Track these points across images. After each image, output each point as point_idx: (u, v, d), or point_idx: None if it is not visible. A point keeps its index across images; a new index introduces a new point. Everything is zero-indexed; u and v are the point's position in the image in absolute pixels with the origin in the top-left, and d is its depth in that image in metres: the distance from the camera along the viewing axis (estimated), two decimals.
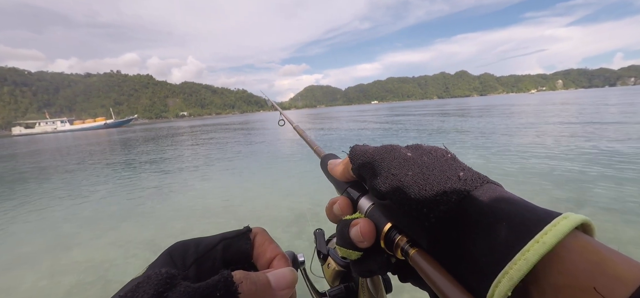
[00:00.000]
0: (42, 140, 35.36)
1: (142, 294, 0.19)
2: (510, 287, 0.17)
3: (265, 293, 0.22)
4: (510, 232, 0.19)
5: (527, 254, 0.17)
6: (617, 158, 5.51)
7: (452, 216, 0.22)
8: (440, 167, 0.25)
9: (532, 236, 0.17)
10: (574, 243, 0.17)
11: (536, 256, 0.17)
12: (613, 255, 0.16)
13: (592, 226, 0.19)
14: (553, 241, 0.17)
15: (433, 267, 0.21)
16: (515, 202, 0.21)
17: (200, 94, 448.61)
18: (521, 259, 0.17)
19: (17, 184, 7.53)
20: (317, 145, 0.47)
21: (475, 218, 0.21)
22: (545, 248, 0.17)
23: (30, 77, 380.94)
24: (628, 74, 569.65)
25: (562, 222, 0.17)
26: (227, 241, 0.28)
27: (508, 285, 0.17)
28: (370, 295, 0.40)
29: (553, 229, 0.17)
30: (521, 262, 0.17)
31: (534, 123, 12.65)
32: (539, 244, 0.17)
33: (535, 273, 0.17)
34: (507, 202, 0.21)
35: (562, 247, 0.17)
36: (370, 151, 0.29)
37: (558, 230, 0.17)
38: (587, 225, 0.19)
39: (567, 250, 0.17)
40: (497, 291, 0.18)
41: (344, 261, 0.45)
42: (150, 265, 0.25)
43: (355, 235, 0.26)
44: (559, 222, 0.17)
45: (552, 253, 0.17)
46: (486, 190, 0.22)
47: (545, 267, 0.17)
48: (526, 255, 0.17)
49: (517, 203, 0.20)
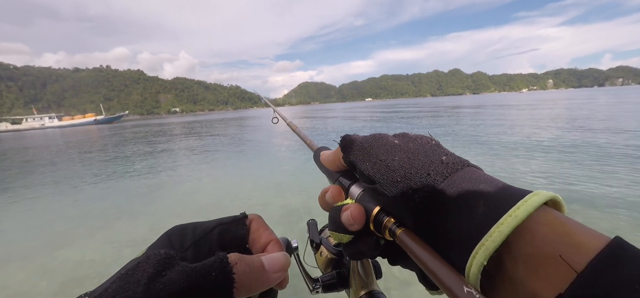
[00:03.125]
0: (29, 137, 34.51)
1: (142, 272, 0.20)
2: (486, 256, 0.19)
3: (259, 275, 0.23)
4: (487, 209, 0.20)
5: (501, 227, 0.19)
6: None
7: (435, 196, 0.23)
8: (424, 152, 0.26)
9: (506, 212, 0.19)
10: (542, 217, 0.19)
11: (509, 229, 0.18)
12: (577, 226, 0.18)
13: (561, 203, 0.21)
14: (524, 215, 0.19)
15: (418, 245, 0.22)
16: (492, 183, 0.22)
17: (193, 90, 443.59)
18: (496, 231, 0.19)
19: (7, 181, 7.34)
20: (309, 139, 0.49)
21: (456, 198, 0.22)
22: (517, 221, 0.18)
23: (16, 72, 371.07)
24: (616, 75, 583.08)
25: (532, 198, 0.19)
26: (224, 226, 0.29)
27: (484, 255, 0.19)
28: (361, 280, 0.42)
29: (524, 204, 0.19)
30: (496, 234, 0.19)
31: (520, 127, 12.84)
32: (512, 218, 0.19)
33: (508, 244, 0.19)
34: (485, 183, 0.22)
35: (532, 220, 0.19)
36: (360, 140, 0.30)
37: (529, 205, 0.19)
38: (556, 201, 0.21)
39: (536, 223, 0.19)
40: (474, 261, 0.19)
41: (336, 249, 0.47)
42: (149, 246, 0.26)
43: (346, 219, 0.28)
44: (530, 198, 0.19)
45: (523, 226, 0.19)
46: (467, 172, 0.24)
47: (517, 238, 0.19)
48: (500, 227, 0.19)
49: (494, 184, 0.22)
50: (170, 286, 0.19)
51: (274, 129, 15.30)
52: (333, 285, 0.45)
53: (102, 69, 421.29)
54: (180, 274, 0.20)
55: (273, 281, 0.24)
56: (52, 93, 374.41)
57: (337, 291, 0.45)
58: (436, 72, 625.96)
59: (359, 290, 0.41)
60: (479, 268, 0.19)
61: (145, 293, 0.18)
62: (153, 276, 0.19)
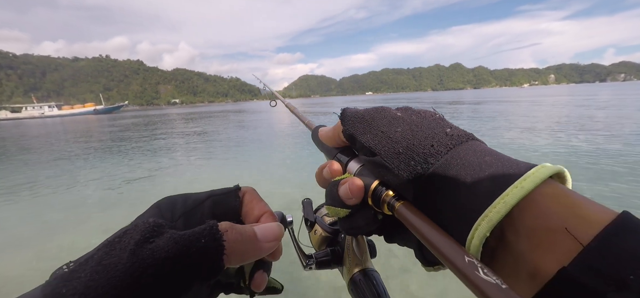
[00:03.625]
0: (29, 125, 34.51)
1: (129, 239, 0.19)
2: (489, 228, 0.18)
3: (251, 244, 0.23)
4: (492, 181, 0.20)
5: (506, 198, 0.18)
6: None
7: (438, 168, 0.22)
8: (428, 125, 0.25)
9: (512, 184, 0.19)
10: (549, 189, 0.18)
11: (514, 200, 0.18)
12: (584, 200, 0.17)
13: (567, 177, 0.20)
14: (530, 186, 0.18)
15: (418, 217, 0.21)
16: (498, 156, 0.22)
17: (193, 81, 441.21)
18: (500, 202, 0.18)
19: (5, 168, 7.46)
20: (308, 119, 0.48)
21: (460, 170, 0.21)
22: (523, 192, 0.18)
23: (15, 60, 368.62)
24: (618, 70, 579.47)
25: (539, 170, 0.19)
26: (216, 197, 0.29)
27: (487, 227, 0.18)
28: (355, 257, 0.41)
29: (531, 176, 0.18)
30: (500, 205, 0.18)
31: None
32: (518, 189, 0.18)
33: (511, 217, 0.18)
34: (490, 155, 0.22)
35: (538, 193, 0.18)
36: (361, 112, 0.29)
37: (536, 176, 0.18)
38: (562, 175, 0.20)
39: (543, 195, 0.18)
40: (476, 233, 0.19)
41: (331, 228, 0.47)
42: (138, 216, 0.25)
43: (343, 193, 0.27)
44: (537, 170, 0.19)
45: (528, 198, 0.18)
46: (471, 145, 0.23)
47: (522, 211, 0.18)
48: (505, 198, 0.18)
49: (500, 157, 0.21)
50: (158, 252, 0.19)
51: (273, 124, 15.31)
52: (327, 262, 0.44)
53: (101, 58, 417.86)
54: (168, 241, 0.19)
55: (265, 250, 0.24)
56: (51, 82, 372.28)
57: (330, 268, 0.45)
58: (437, 66, 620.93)
59: (353, 268, 0.41)
60: (481, 240, 0.19)
61: (130, 259, 0.18)
62: (140, 242, 0.19)
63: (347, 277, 0.41)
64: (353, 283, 0.40)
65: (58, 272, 0.19)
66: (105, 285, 0.17)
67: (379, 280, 0.39)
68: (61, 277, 0.18)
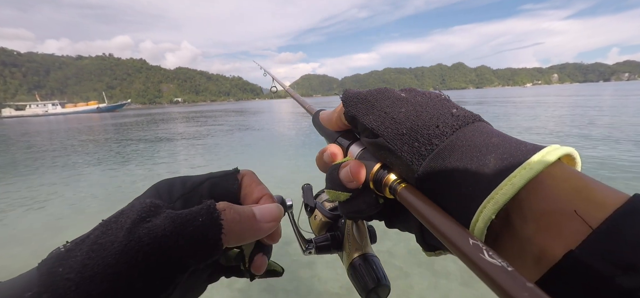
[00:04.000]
0: (33, 123, 34.75)
1: (126, 219, 0.19)
2: (495, 210, 0.17)
3: (249, 224, 0.23)
4: (499, 162, 0.19)
5: (513, 179, 0.17)
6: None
7: (443, 150, 0.21)
8: (433, 105, 0.25)
9: (519, 165, 0.18)
10: (558, 171, 0.18)
11: (522, 181, 0.17)
12: (595, 183, 0.17)
13: (576, 159, 0.19)
14: (540, 167, 0.17)
15: (421, 200, 0.21)
16: (505, 137, 0.21)
17: (195, 80, 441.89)
18: (508, 184, 0.17)
19: (9, 167, 7.52)
20: (308, 104, 0.47)
21: (466, 151, 0.20)
22: (531, 173, 0.17)
23: (19, 58, 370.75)
24: (622, 70, 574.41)
25: (548, 151, 0.18)
26: (214, 180, 0.28)
27: (493, 209, 0.17)
28: (355, 243, 0.41)
29: (540, 157, 0.18)
30: (507, 186, 0.17)
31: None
32: (526, 170, 0.17)
33: (518, 200, 0.17)
34: (498, 136, 0.21)
35: (547, 175, 0.17)
36: (364, 93, 0.29)
37: (544, 157, 0.18)
38: (572, 156, 0.19)
39: (552, 177, 0.17)
40: (481, 216, 0.18)
41: (331, 213, 0.46)
42: (136, 197, 0.25)
43: (344, 176, 0.26)
44: (546, 152, 0.18)
45: (536, 180, 0.17)
46: (478, 126, 0.22)
47: (529, 193, 0.17)
48: (513, 180, 0.17)
49: (507, 138, 0.21)
50: (154, 230, 0.18)
51: (276, 122, 15.31)
52: (326, 247, 0.44)
53: (104, 57, 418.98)
54: (165, 219, 0.19)
55: (264, 231, 0.24)
56: (55, 80, 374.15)
57: (330, 253, 0.45)
58: (439, 65, 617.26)
59: (352, 253, 0.41)
60: (486, 222, 0.18)
61: (127, 237, 0.18)
62: (136, 221, 0.19)
63: (346, 262, 0.42)
64: (352, 267, 0.40)
65: (55, 252, 0.19)
66: (101, 263, 0.17)
67: (379, 265, 0.39)
68: (57, 256, 0.18)
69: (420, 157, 0.22)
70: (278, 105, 47.49)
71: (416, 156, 0.22)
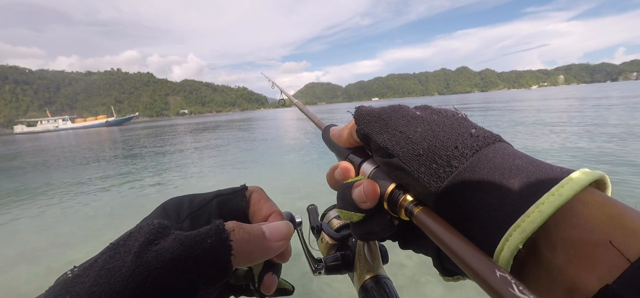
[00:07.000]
0: (44, 138, 35.44)
1: (133, 242, 0.19)
2: (522, 240, 0.16)
3: (259, 243, 0.22)
4: (524, 187, 0.18)
5: (541, 206, 0.16)
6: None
7: (463, 172, 0.20)
8: (450, 125, 0.24)
9: (547, 190, 0.17)
10: (590, 198, 0.16)
11: (552, 208, 0.16)
12: (631, 211, 0.15)
13: (607, 183, 0.18)
14: (570, 194, 0.16)
15: (439, 224, 0.20)
16: (529, 160, 0.20)
17: (201, 92, 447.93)
18: (535, 211, 0.16)
19: (19, 181, 7.64)
20: (318, 118, 0.46)
21: (487, 174, 0.19)
22: (561, 200, 0.16)
23: (31, 76, 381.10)
24: (630, 69, 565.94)
25: (578, 176, 0.17)
26: (222, 197, 0.28)
27: (520, 238, 0.16)
28: (367, 264, 0.40)
29: (570, 182, 0.16)
30: (535, 214, 0.16)
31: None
32: (555, 196, 0.16)
33: (546, 229, 0.16)
34: (521, 158, 0.20)
35: (578, 201, 0.16)
36: (377, 110, 0.28)
37: (575, 183, 0.16)
38: (602, 181, 0.18)
39: (583, 204, 0.16)
40: (507, 244, 0.17)
41: (338, 234, 0.45)
42: (144, 218, 0.25)
43: (357, 196, 0.25)
44: (576, 176, 0.17)
45: (566, 208, 0.16)
46: (499, 148, 0.21)
47: (558, 221, 0.16)
48: (541, 207, 0.16)
49: (532, 161, 0.19)
50: (163, 254, 0.18)
51: (281, 132, 15.34)
52: (337, 267, 0.43)
53: (113, 72, 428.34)
54: (173, 242, 0.19)
55: (274, 250, 0.23)
56: (65, 96, 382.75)
57: (340, 274, 0.43)
58: (444, 70, 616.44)
59: (364, 274, 0.39)
60: (512, 252, 0.17)
61: (135, 261, 0.17)
62: (144, 244, 0.18)
63: (357, 284, 0.40)
64: (364, 290, 0.38)
65: (62, 278, 0.18)
66: (109, 290, 0.17)
67: (392, 288, 0.38)
68: (64, 282, 0.18)
69: (439, 179, 0.21)
70: (282, 114, 47.84)
71: (434, 178, 0.21)
